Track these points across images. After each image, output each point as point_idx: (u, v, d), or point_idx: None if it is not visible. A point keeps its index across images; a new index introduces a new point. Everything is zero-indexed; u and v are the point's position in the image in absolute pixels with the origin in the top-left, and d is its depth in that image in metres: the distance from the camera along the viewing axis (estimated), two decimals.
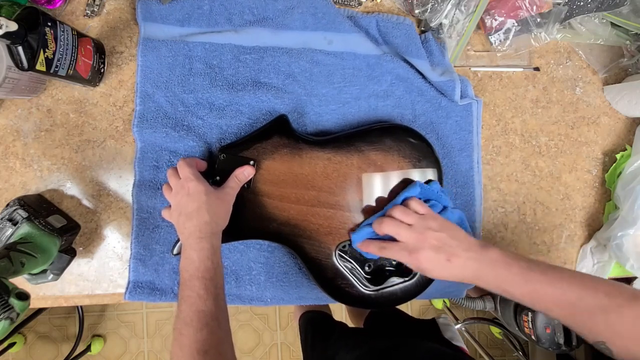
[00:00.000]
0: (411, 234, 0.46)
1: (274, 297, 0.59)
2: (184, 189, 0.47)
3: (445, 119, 0.61)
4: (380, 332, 0.68)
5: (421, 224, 0.47)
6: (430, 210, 0.49)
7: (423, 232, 0.46)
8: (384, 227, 0.48)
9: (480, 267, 0.44)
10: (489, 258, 0.43)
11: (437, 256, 0.45)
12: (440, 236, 0.45)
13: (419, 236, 0.46)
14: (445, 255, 0.44)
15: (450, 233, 0.46)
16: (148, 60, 0.56)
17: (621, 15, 0.60)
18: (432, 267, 0.45)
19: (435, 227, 0.46)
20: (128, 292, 0.55)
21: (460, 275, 0.45)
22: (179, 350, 0.39)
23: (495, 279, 0.43)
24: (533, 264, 0.42)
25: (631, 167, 0.61)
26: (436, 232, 0.46)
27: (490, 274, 0.43)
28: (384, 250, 0.49)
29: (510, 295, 0.42)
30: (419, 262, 0.46)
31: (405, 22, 0.60)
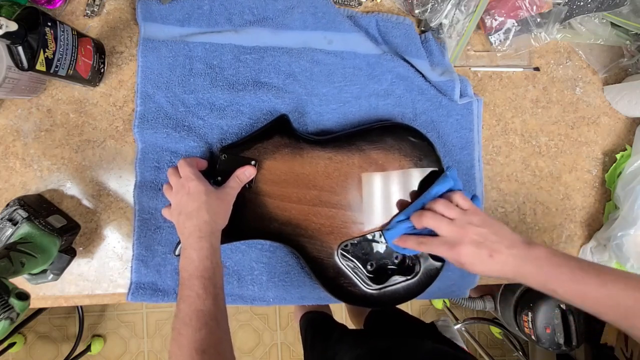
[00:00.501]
0: (452, 228, 0.46)
1: (276, 297, 0.59)
2: (184, 188, 0.47)
3: (446, 117, 0.61)
4: (381, 332, 0.68)
5: (463, 218, 0.46)
6: (473, 205, 0.48)
7: (464, 226, 0.45)
8: (424, 220, 0.48)
9: (524, 264, 0.43)
10: (534, 255, 0.43)
11: (479, 251, 0.44)
12: (482, 231, 0.45)
13: (460, 230, 0.45)
14: (487, 251, 0.44)
15: (493, 229, 0.45)
16: (148, 61, 0.56)
17: (621, 15, 0.60)
18: (473, 262, 0.45)
19: (478, 222, 0.46)
20: (130, 294, 0.56)
21: (501, 272, 0.44)
22: (177, 349, 0.39)
23: (540, 277, 0.42)
24: (584, 263, 0.41)
25: (631, 167, 0.61)
26: (478, 227, 0.45)
27: (534, 272, 0.42)
28: (422, 245, 0.48)
29: (558, 294, 0.41)
30: (460, 257, 0.45)
31: (405, 22, 0.60)
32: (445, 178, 0.52)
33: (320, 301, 0.60)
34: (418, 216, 0.49)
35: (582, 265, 0.41)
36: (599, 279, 0.39)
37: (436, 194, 0.51)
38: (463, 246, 0.45)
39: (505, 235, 0.45)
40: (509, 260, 0.43)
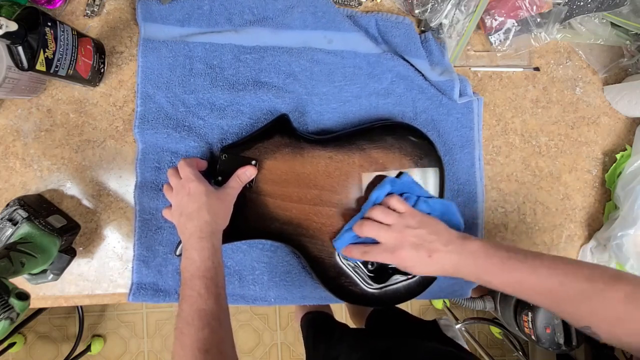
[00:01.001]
0: (391, 234, 0.47)
1: (277, 296, 0.59)
2: (184, 189, 0.47)
3: (446, 116, 0.61)
4: (382, 332, 0.68)
5: (400, 222, 0.47)
6: (409, 208, 0.49)
7: (402, 230, 0.46)
8: (363, 229, 0.49)
9: (460, 259, 0.44)
10: (468, 250, 0.44)
11: (418, 253, 0.45)
12: (419, 233, 0.46)
13: (398, 235, 0.46)
14: (426, 252, 0.45)
15: (429, 229, 0.46)
16: (148, 61, 0.56)
17: (621, 15, 0.60)
18: (414, 264, 0.46)
19: (414, 224, 0.47)
20: (132, 294, 0.56)
21: (441, 270, 0.45)
22: (180, 349, 0.39)
23: (475, 270, 0.43)
24: (513, 252, 0.42)
25: (631, 167, 0.61)
26: (415, 229, 0.46)
27: (470, 266, 0.43)
28: (366, 254, 0.49)
29: (492, 285, 0.42)
30: (402, 261, 0.46)
31: (404, 22, 0.60)
32: (382, 183, 0.52)
33: (321, 301, 0.60)
34: (359, 226, 0.49)
35: (511, 254, 0.42)
36: (528, 265, 0.40)
37: (376, 199, 0.52)
38: (402, 250, 0.46)
39: (442, 233, 0.46)
40: (447, 257, 0.44)
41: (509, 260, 0.41)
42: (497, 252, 0.42)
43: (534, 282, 0.40)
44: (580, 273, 0.38)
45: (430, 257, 0.45)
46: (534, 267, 0.40)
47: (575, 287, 0.38)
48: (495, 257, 0.42)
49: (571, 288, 0.38)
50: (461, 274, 0.44)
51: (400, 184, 0.53)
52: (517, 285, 0.41)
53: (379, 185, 0.52)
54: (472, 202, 0.62)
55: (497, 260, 0.42)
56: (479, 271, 0.43)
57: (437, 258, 0.45)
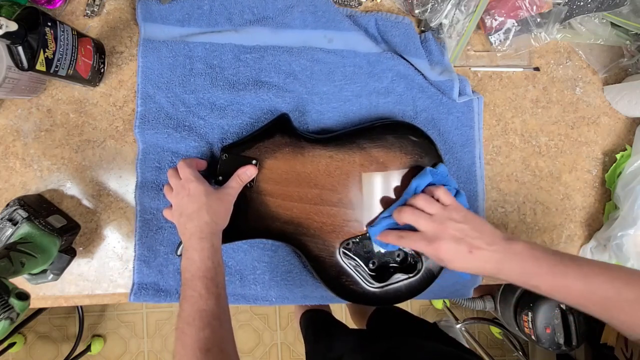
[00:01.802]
0: (431, 224, 0.45)
1: (278, 296, 0.59)
2: (184, 189, 0.47)
3: (447, 115, 0.61)
4: (384, 333, 0.68)
5: (443, 214, 0.46)
6: (455, 201, 0.47)
7: (444, 222, 0.45)
8: (403, 215, 0.48)
9: (504, 259, 0.42)
10: (514, 251, 0.42)
11: (458, 247, 0.43)
12: (462, 227, 0.44)
13: (439, 226, 0.45)
14: (467, 247, 0.43)
15: (473, 225, 0.45)
16: (149, 61, 0.56)
17: (621, 15, 0.60)
18: (452, 258, 0.44)
19: (458, 218, 0.45)
20: (133, 294, 0.56)
21: (481, 268, 0.43)
22: (181, 349, 0.39)
23: (521, 273, 0.42)
24: (565, 257, 0.40)
25: (631, 167, 0.61)
26: (458, 223, 0.45)
27: (515, 268, 0.42)
28: (402, 239, 0.48)
29: (539, 289, 0.41)
30: (438, 252, 0.45)
31: (404, 22, 0.60)
32: (423, 173, 0.51)
33: (322, 300, 0.60)
34: (398, 212, 0.49)
35: (563, 259, 0.41)
36: (580, 271, 0.39)
37: (417, 188, 0.51)
38: (442, 242, 0.44)
39: (486, 231, 0.44)
40: (490, 256, 0.43)
41: (559, 264, 0.40)
42: (544, 256, 0.41)
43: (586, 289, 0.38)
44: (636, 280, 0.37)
45: (470, 253, 0.43)
46: (586, 273, 0.39)
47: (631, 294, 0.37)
48: (543, 260, 0.41)
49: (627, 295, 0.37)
50: (504, 275, 0.43)
51: (439, 175, 0.52)
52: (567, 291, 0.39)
53: (419, 174, 0.52)
54: (472, 200, 0.62)
55: (546, 264, 0.40)
56: (526, 274, 0.41)
57: (479, 255, 0.43)
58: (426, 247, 0.46)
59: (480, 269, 0.44)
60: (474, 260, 0.43)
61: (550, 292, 0.40)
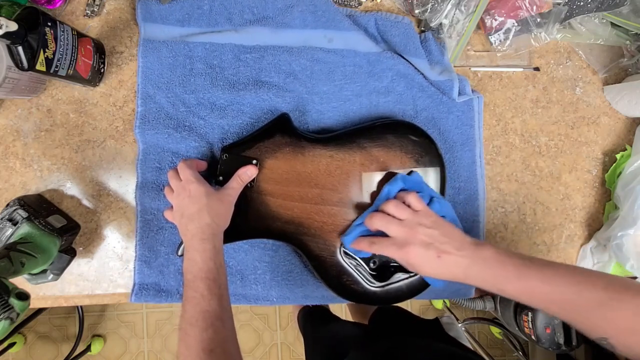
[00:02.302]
0: (401, 229, 0.46)
1: (279, 296, 0.59)
2: (185, 190, 0.47)
3: (447, 114, 0.61)
4: (386, 332, 0.68)
5: (413, 219, 0.46)
6: (425, 207, 0.48)
7: (414, 227, 0.45)
8: (373, 221, 0.48)
9: (472, 264, 0.43)
10: (482, 256, 0.43)
11: (427, 252, 0.44)
12: (431, 232, 0.45)
13: (409, 231, 0.45)
14: (435, 252, 0.44)
15: (443, 230, 0.45)
16: (149, 61, 0.56)
17: (621, 15, 0.60)
18: (421, 263, 0.45)
19: (428, 223, 0.45)
20: (134, 294, 0.55)
21: (449, 273, 0.44)
22: (185, 349, 0.39)
23: (488, 277, 0.42)
24: (528, 260, 0.41)
25: (631, 167, 0.61)
26: (428, 228, 0.45)
27: (482, 272, 0.42)
28: (374, 245, 0.48)
29: (505, 293, 0.41)
30: (408, 257, 0.45)
31: (403, 21, 0.60)
32: (395, 179, 0.52)
33: (323, 300, 0.60)
34: (369, 218, 0.49)
35: (526, 262, 0.41)
36: (543, 275, 0.40)
37: (388, 194, 0.51)
38: (411, 247, 0.45)
39: (455, 236, 0.45)
40: (458, 261, 0.43)
41: (524, 268, 0.40)
42: (510, 260, 0.41)
43: (549, 291, 0.39)
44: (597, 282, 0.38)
45: (439, 258, 0.44)
46: (549, 276, 0.39)
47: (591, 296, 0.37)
48: (509, 264, 0.41)
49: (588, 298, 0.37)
50: (471, 280, 0.43)
51: (412, 181, 0.52)
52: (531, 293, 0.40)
53: (391, 181, 0.52)
54: (473, 199, 0.62)
55: (511, 267, 0.41)
56: (490, 278, 0.42)
57: (447, 260, 0.43)
58: (396, 252, 0.46)
59: (448, 274, 0.44)
60: (442, 265, 0.44)
61: (515, 295, 0.41)
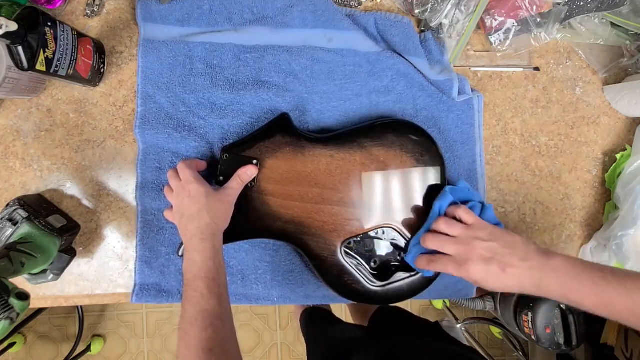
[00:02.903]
0: (457, 246, 0.44)
1: (280, 296, 0.59)
2: (185, 191, 0.47)
3: (447, 113, 0.61)
4: (387, 332, 0.68)
5: (467, 234, 0.44)
6: (477, 219, 0.46)
7: (470, 242, 0.43)
8: (427, 243, 0.47)
9: (542, 276, 0.41)
10: (552, 267, 0.41)
11: (489, 267, 0.42)
12: (490, 246, 0.42)
13: (465, 248, 0.43)
14: (499, 266, 0.41)
15: (503, 241, 0.43)
16: (149, 61, 0.56)
17: (621, 15, 0.60)
18: (485, 279, 0.42)
19: (484, 236, 0.43)
20: (135, 295, 0.55)
21: (518, 286, 0.42)
22: (185, 349, 0.39)
23: (561, 289, 0.40)
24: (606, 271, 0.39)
25: (631, 167, 0.61)
26: (485, 241, 0.43)
27: (554, 285, 0.40)
28: (432, 263, 0.47)
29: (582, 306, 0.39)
30: (469, 275, 0.43)
31: (403, 21, 0.60)
32: (443, 193, 0.51)
33: (324, 300, 0.60)
34: (423, 239, 0.48)
35: (604, 274, 0.39)
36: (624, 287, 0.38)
37: (440, 209, 0.50)
38: (471, 264, 0.43)
39: (518, 246, 0.42)
40: (525, 273, 0.41)
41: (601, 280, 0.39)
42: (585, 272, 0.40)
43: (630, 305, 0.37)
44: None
45: (504, 272, 0.41)
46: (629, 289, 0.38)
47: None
48: (585, 276, 0.39)
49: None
50: (543, 292, 0.41)
51: (460, 191, 0.51)
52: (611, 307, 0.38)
53: (440, 196, 0.51)
54: None
55: (587, 280, 0.39)
56: (565, 291, 0.40)
57: (513, 273, 0.41)
58: (457, 271, 0.44)
59: (517, 287, 0.42)
60: (508, 279, 0.42)
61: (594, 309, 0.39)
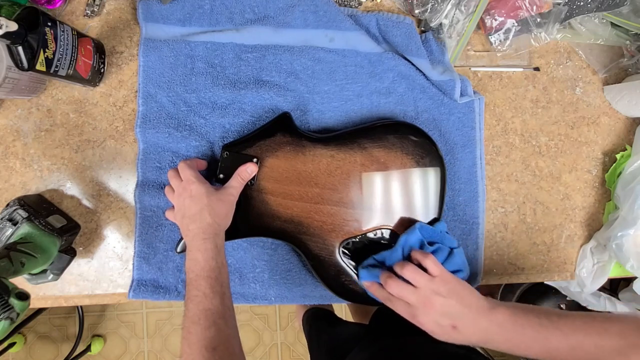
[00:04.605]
0: (416, 298, 0.44)
1: (277, 295, 0.59)
2: (186, 191, 0.48)
3: (448, 115, 0.61)
4: (387, 331, 0.68)
5: (429, 287, 0.44)
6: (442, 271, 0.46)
7: (429, 296, 0.44)
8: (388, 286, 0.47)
9: (488, 332, 0.42)
10: (497, 322, 0.42)
11: (441, 324, 0.43)
12: (448, 303, 0.43)
13: (424, 301, 0.44)
14: (451, 322, 0.43)
15: (459, 299, 0.44)
16: (150, 61, 0.56)
17: (621, 15, 0.60)
18: (435, 332, 0.44)
19: (444, 292, 0.44)
20: (132, 291, 0.56)
21: (466, 341, 0.44)
22: (187, 348, 0.40)
23: (506, 343, 0.42)
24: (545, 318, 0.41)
25: (631, 167, 0.61)
26: (444, 298, 0.43)
27: (500, 339, 0.42)
28: (389, 302, 0.48)
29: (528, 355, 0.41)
30: (421, 325, 0.44)
31: (405, 21, 0.60)
32: (412, 229, 0.51)
33: (322, 300, 0.60)
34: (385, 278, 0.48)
35: (543, 321, 0.41)
36: (561, 331, 0.40)
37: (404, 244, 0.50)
38: (424, 318, 0.44)
39: (472, 304, 0.44)
40: (475, 332, 0.43)
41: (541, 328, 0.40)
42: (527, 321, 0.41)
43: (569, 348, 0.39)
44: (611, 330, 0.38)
45: (454, 329, 0.43)
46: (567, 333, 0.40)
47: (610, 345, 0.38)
48: (527, 327, 0.41)
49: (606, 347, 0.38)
50: (491, 346, 0.43)
51: (431, 231, 0.52)
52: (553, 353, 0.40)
53: (408, 230, 0.51)
54: (473, 201, 0.62)
55: (529, 330, 0.41)
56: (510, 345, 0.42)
57: (462, 331, 0.43)
58: (410, 318, 0.45)
59: (465, 342, 0.44)
60: (457, 335, 0.43)
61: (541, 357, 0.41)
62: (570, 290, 0.79)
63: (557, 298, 1.11)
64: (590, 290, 0.66)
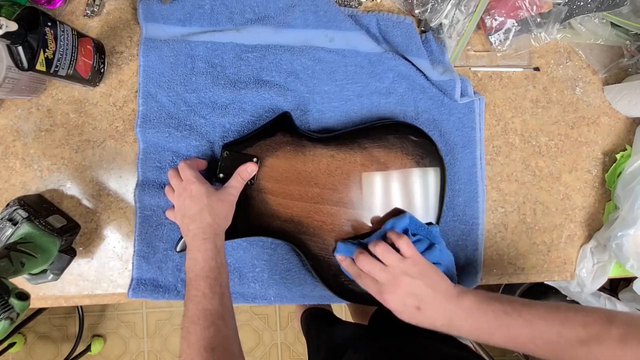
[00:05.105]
0: (385, 275, 0.45)
1: (277, 295, 0.59)
2: (186, 191, 0.48)
3: (448, 115, 0.61)
4: (386, 331, 0.68)
5: (398, 266, 0.45)
6: (415, 254, 0.46)
7: (398, 276, 0.44)
8: (360, 263, 0.48)
9: (453, 316, 0.43)
10: (463, 307, 0.42)
11: (406, 303, 0.44)
12: (414, 283, 0.44)
13: (391, 279, 0.45)
14: (416, 303, 0.43)
15: (427, 281, 0.44)
16: (150, 61, 0.56)
17: (621, 15, 0.60)
18: (400, 312, 0.44)
19: (413, 273, 0.44)
20: (131, 290, 0.56)
21: (430, 324, 0.44)
22: (187, 347, 0.40)
23: (470, 328, 0.42)
24: (508, 306, 0.41)
25: (631, 167, 0.61)
26: (412, 278, 0.44)
27: (464, 324, 0.42)
28: (359, 278, 0.49)
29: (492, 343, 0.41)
30: (386, 303, 0.45)
31: (405, 21, 0.60)
32: (402, 215, 0.51)
33: (321, 300, 0.60)
34: (357, 254, 0.49)
35: (506, 308, 0.41)
36: (523, 319, 0.40)
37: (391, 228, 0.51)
38: (390, 295, 0.44)
39: (439, 287, 0.44)
40: (439, 314, 0.43)
41: (503, 315, 0.41)
42: (491, 308, 0.41)
43: (531, 336, 0.39)
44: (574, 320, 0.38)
45: (418, 310, 0.43)
46: (529, 321, 0.40)
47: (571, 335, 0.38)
48: (490, 313, 0.41)
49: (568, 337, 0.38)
50: (454, 331, 0.43)
51: (420, 226, 0.52)
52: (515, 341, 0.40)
53: (399, 216, 0.52)
54: (473, 201, 0.62)
55: (493, 316, 0.41)
56: (474, 329, 0.42)
57: (427, 313, 0.43)
58: (376, 295, 0.46)
59: (429, 325, 0.44)
60: (421, 317, 0.44)
61: (501, 344, 0.41)
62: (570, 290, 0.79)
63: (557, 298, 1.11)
64: (590, 290, 0.66)
